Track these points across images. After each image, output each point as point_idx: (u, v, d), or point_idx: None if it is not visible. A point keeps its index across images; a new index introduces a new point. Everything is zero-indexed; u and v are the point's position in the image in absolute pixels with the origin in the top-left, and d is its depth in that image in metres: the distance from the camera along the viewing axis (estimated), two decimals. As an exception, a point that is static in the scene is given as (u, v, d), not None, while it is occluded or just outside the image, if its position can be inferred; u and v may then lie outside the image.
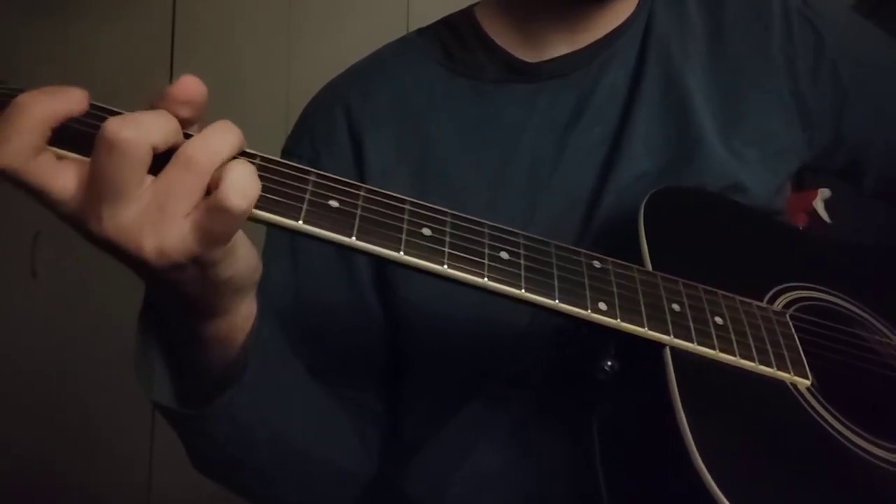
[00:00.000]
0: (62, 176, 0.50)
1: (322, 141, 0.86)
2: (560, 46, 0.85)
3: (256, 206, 0.53)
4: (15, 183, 0.50)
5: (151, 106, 0.53)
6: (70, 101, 0.51)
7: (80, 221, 0.51)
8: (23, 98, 0.50)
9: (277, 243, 0.84)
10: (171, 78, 2.50)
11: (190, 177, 0.50)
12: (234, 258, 0.55)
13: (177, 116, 0.52)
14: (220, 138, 0.52)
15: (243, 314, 0.61)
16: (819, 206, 1.97)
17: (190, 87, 0.53)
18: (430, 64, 0.88)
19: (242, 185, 0.50)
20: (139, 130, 0.49)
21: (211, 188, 0.51)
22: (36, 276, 2.60)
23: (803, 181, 1.93)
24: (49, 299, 2.58)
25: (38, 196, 0.50)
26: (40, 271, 2.59)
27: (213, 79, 0.53)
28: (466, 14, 0.90)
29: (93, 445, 2.54)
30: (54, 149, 0.51)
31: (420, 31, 0.93)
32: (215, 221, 0.51)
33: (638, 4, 0.86)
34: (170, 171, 0.50)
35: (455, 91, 0.85)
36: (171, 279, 0.54)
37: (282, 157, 0.87)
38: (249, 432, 0.67)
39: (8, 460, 2.53)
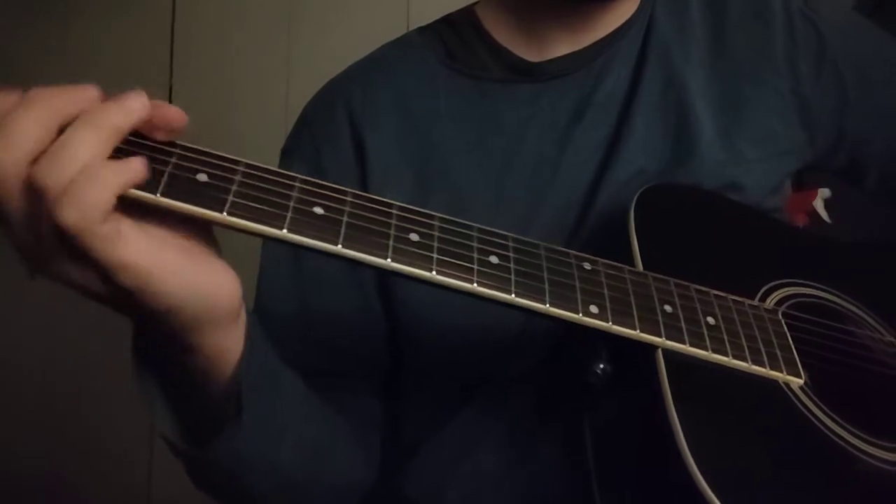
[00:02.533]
0: None
1: (323, 139, 0.86)
2: (562, 46, 0.85)
3: (239, 216, 0.52)
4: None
5: None
6: (85, 98, 0.50)
7: None
8: (35, 93, 0.49)
9: (279, 247, 0.84)
10: (170, 77, 2.51)
11: (43, 205, 0.48)
12: (153, 292, 0.51)
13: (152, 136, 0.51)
14: (72, 158, 0.48)
15: (218, 348, 0.58)
16: (819, 206, 1.96)
17: (171, 116, 0.52)
18: (432, 63, 0.87)
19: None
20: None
21: None
22: (34, 277, 2.60)
23: (803, 181, 1.92)
24: (48, 301, 2.57)
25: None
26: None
27: (213, 79, 0.53)
28: (467, 13, 0.90)
29: (93, 445, 2.54)
30: None
31: (421, 30, 0.92)
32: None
33: (640, 5, 0.87)
34: (23, 197, 0.49)
35: (458, 90, 0.85)
36: (109, 304, 0.53)
37: (282, 156, 0.88)
38: (246, 467, 0.67)
39: (8, 460, 2.53)
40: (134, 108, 0.50)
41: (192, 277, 0.53)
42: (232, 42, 2.64)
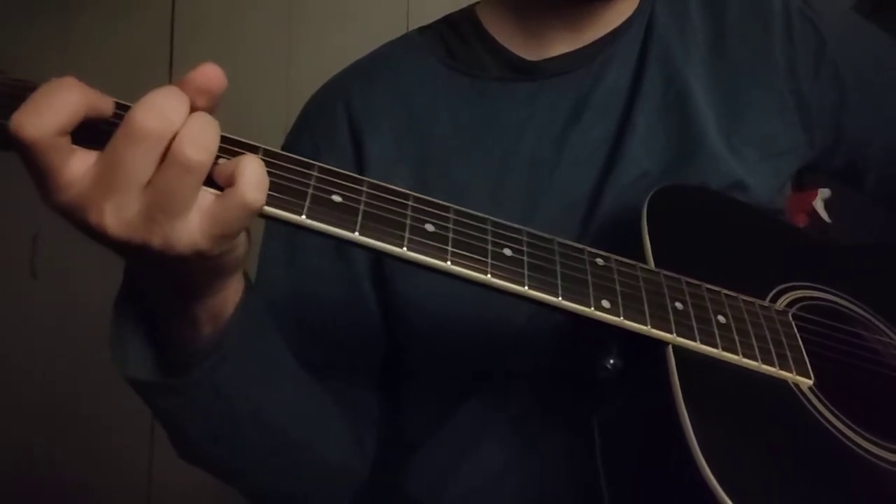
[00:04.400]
0: (75, 160, 0.50)
1: (322, 137, 0.86)
2: (561, 45, 0.85)
3: None
4: (30, 157, 0.49)
5: None
6: (107, 102, 0.51)
7: (79, 212, 0.50)
8: (70, 79, 0.50)
9: (275, 240, 0.84)
10: (170, 78, 2.50)
11: (191, 176, 0.50)
12: (237, 243, 0.55)
13: (191, 104, 0.51)
14: (209, 131, 0.51)
15: (235, 288, 0.60)
16: (819, 206, 1.97)
17: (210, 75, 0.52)
18: (431, 62, 0.88)
19: (259, 181, 0.50)
20: (165, 121, 0.49)
21: (218, 181, 0.51)
22: (36, 276, 2.60)
23: (803, 181, 1.93)
24: (48, 300, 2.58)
25: (46, 177, 0.50)
26: (40, 272, 2.59)
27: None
28: (467, 13, 0.90)
29: (93, 445, 2.54)
30: None
31: (421, 30, 0.92)
32: (232, 217, 0.51)
33: (639, 4, 0.87)
34: (169, 170, 0.50)
35: (456, 89, 0.85)
36: (169, 269, 0.53)
37: (282, 154, 0.88)
38: (233, 407, 0.66)
39: (8, 460, 2.53)
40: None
41: None
42: (232, 42, 2.65)
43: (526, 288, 0.59)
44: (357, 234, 0.55)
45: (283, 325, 0.71)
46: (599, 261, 0.63)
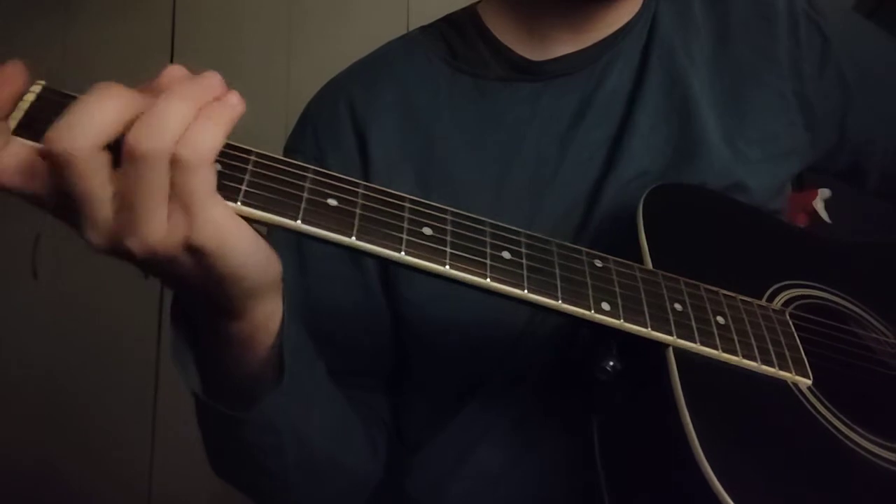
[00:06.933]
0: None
1: (326, 137, 0.86)
2: (564, 45, 0.84)
3: (253, 206, 0.52)
4: (65, 182, 0.48)
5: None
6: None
7: (116, 248, 0.51)
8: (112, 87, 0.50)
9: (284, 244, 0.83)
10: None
11: (149, 173, 0.49)
12: (228, 253, 0.53)
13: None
14: (164, 121, 0.49)
15: (265, 314, 0.60)
16: (819, 206, 1.96)
17: (178, 77, 0.52)
18: (434, 61, 0.87)
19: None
20: (163, 141, 0.49)
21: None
22: (37, 277, 2.60)
23: (803, 181, 1.93)
24: (50, 300, 2.58)
25: (84, 208, 0.49)
26: (41, 273, 2.59)
27: (213, 79, 0.53)
28: (469, 12, 0.90)
29: (93, 446, 2.54)
30: (20, 139, 0.49)
31: (423, 29, 0.92)
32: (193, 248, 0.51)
33: (642, 4, 0.86)
34: (127, 170, 0.49)
35: (459, 89, 0.85)
36: (171, 273, 0.53)
37: (284, 155, 0.87)
38: (280, 438, 0.67)
39: (8, 460, 2.53)
40: (234, 102, 0.52)
41: (256, 243, 0.54)
42: (232, 42, 2.65)
43: (525, 291, 0.58)
44: (354, 238, 0.54)
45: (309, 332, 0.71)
46: (598, 262, 0.63)
